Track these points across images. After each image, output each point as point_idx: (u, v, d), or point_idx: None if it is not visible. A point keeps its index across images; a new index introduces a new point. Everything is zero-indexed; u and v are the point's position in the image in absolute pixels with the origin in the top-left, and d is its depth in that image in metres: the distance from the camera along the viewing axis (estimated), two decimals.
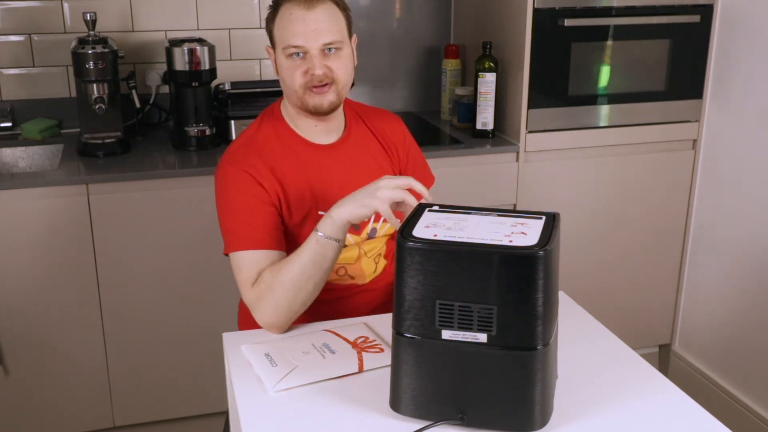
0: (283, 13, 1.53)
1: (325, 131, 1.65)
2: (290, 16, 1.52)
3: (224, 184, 1.57)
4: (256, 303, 1.48)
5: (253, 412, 1.24)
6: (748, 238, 2.50)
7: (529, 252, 1.09)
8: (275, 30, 1.56)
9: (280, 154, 1.61)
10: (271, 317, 1.47)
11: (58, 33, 2.55)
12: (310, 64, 1.53)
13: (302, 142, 1.63)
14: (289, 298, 1.45)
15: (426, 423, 1.18)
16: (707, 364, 2.74)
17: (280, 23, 1.54)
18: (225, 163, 1.60)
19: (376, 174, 1.68)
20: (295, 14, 1.51)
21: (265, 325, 1.49)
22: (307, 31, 1.51)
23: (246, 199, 1.54)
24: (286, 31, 1.53)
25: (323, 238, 1.42)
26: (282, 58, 1.56)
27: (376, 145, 1.71)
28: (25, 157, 2.50)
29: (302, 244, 1.46)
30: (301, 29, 1.51)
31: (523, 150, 2.49)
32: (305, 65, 1.54)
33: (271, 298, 1.45)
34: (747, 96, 2.48)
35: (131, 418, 2.38)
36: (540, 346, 1.12)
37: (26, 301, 2.20)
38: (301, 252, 1.45)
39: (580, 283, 2.57)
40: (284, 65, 1.56)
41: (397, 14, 2.88)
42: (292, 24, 1.52)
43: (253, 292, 1.48)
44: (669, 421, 1.22)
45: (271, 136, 1.63)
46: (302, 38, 1.52)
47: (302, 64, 1.54)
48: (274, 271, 1.47)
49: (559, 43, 2.44)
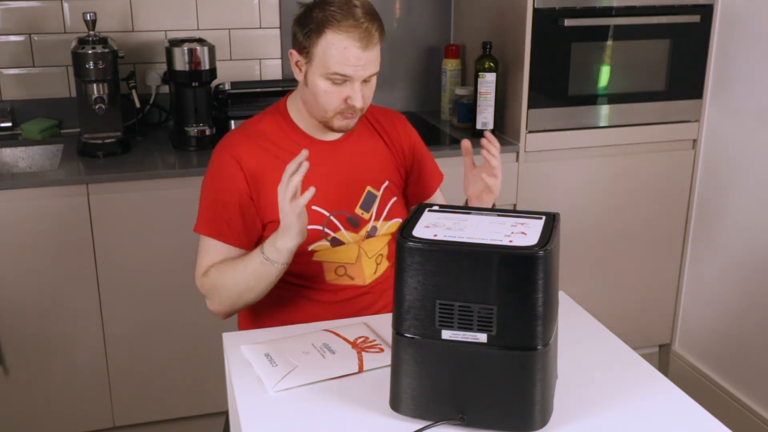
0: (335, 42, 1.49)
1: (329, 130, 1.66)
2: (344, 51, 1.50)
3: (214, 169, 1.62)
4: (205, 293, 1.61)
5: (253, 412, 1.24)
6: (748, 238, 2.50)
7: (529, 252, 1.09)
8: (318, 49, 1.51)
9: (280, 147, 1.62)
10: (217, 310, 1.62)
11: (58, 33, 2.55)
12: (350, 92, 1.53)
13: (305, 137, 1.64)
14: (231, 299, 1.57)
15: (426, 423, 1.18)
16: (707, 364, 2.74)
17: (329, 49, 1.50)
18: (221, 148, 1.63)
19: (377, 172, 1.68)
20: (350, 51, 1.50)
21: (214, 313, 1.63)
22: (357, 66, 1.51)
23: (229, 191, 1.58)
24: (335, 59, 1.50)
25: (267, 262, 1.50)
26: (319, 78, 1.53)
27: (379, 145, 1.72)
28: (25, 157, 2.50)
29: (248, 256, 1.53)
30: (353, 63, 1.51)
31: (523, 150, 2.49)
32: (345, 92, 1.53)
33: (216, 296, 1.58)
34: (747, 96, 2.48)
35: (131, 418, 2.38)
36: (540, 346, 1.12)
37: (26, 301, 2.20)
38: (246, 266, 1.53)
39: (580, 283, 2.57)
40: (321, 86, 1.54)
41: (397, 14, 2.88)
42: (344, 57, 1.50)
43: (202, 282, 1.60)
44: (669, 421, 1.22)
45: (274, 129, 1.64)
46: (352, 71, 1.51)
47: (342, 91, 1.53)
48: (221, 272, 1.56)
49: (559, 43, 2.44)
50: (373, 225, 1.66)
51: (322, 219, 1.61)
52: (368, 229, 1.66)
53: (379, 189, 1.68)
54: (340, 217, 1.63)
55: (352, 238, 1.64)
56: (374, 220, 1.67)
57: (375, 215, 1.67)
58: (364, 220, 1.65)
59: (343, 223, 1.63)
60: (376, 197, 1.67)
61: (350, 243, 1.64)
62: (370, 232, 1.66)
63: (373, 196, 1.67)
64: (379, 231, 1.68)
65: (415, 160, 1.77)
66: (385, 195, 1.68)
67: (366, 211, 1.66)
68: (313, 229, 1.60)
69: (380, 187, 1.68)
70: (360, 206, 1.65)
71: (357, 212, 1.65)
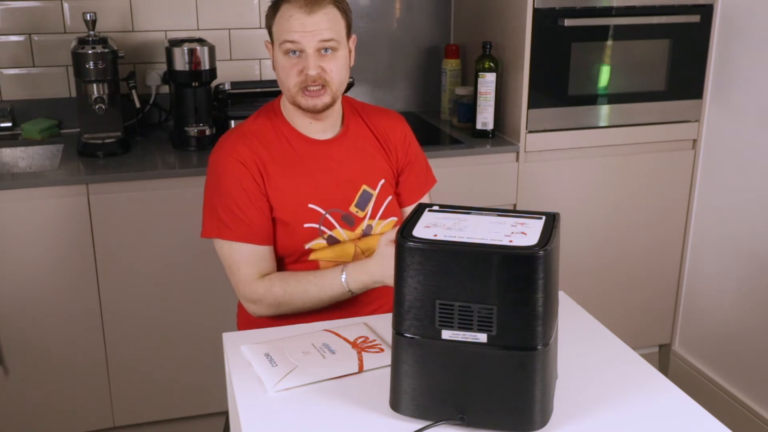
0: (284, 13, 1.55)
1: (321, 128, 1.67)
2: (290, 18, 1.54)
3: (217, 172, 1.61)
4: (256, 303, 1.59)
5: (253, 412, 1.24)
6: (748, 238, 2.50)
7: (529, 252, 1.09)
8: (274, 26, 1.58)
9: (275, 147, 1.63)
10: (265, 314, 1.62)
11: (58, 33, 2.55)
12: (304, 63, 1.56)
13: (298, 137, 1.65)
14: (291, 311, 1.60)
15: (426, 423, 1.18)
16: (707, 364, 2.74)
17: (279, 21, 1.56)
18: (219, 151, 1.63)
19: (373, 170, 1.69)
20: (294, 17, 1.53)
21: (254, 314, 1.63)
22: (304, 32, 1.54)
23: (239, 191, 1.58)
24: (284, 29, 1.55)
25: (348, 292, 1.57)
26: (279, 54, 1.58)
27: (373, 143, 1.72)
28: (25, 157, 2.50)
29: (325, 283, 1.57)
30: (299, 29, 1.54)
31: (523, 150, 2.49)
32: (300, 64, 1.56)
33: (274, 308, 1.59)
34: (747, 96, 2.48)
35: (131, 418, 2.38)
36: (540, 346, 1.12)
37: (26, 301, 2.20)
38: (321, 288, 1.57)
39: (580, 283, 2.57)
40: (280, 62, 1.58)
41: (397, 14, 2.88)
42: (290, 24, 1.54)
43: (257, 292, 1.58)
44: (669, 421, 1.22)
45: (268, 128, 1.65)
46: (299, 36, 1.54)
47: (297, 63, 1.56)
48: (285, 286, 1.58)
49: (559, 43, 2.44)
50: (368, 223, 1.67)
51: (317, 217, 1.62)
52: (363, 227, 1.66)
53: (375, 188, 1.68)
54: (335, 215, 1.63)
55: (347, 236, 1.65)
56: (369, 219, 1.67)
57: (370, 214, 1.67)
58: (359, 218, 1.66)
59: (339, 221, 1.64)
60: (372, 196, 1.67)
61: (346, 241, 1.65)
62: (366, 230, 1.67)
63: (369, 195, 1.67)
64: (374, 230, 1.68)
65: (408, 163, 1.77)
66: (381, 194, 1.69)
67: (361, 210, 1.66)
68: (309, 227, 1.61)
69: (376, 186, 1.68)
70: (355, 204, 1.66)
71: (351, 210, 1.65)
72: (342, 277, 1.56)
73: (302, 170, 1.63)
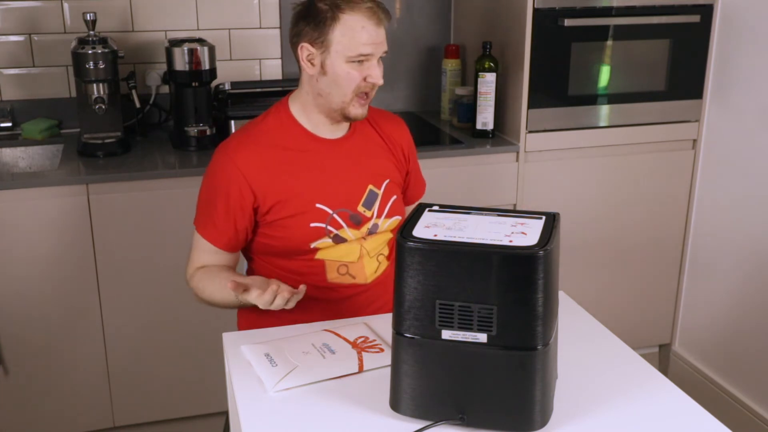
0: (352, 23, 1.55)
1: (332, 128, 1.67)
2: (362, 29, 1.55)
3: (213, 171, 1.64)
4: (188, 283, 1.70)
5: (253, 412, 1.24)
6: (748, 239, 2.50)
7: (529, 252, 1.10)
8: (335, 34, 1.55)
9: (283, 146, 1.63)
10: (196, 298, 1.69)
11: (58, 33, 2.55)
12: (368, 71, 1.59)
13: (307, 135, 1.65)
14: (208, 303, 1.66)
15: (426, 423, 1.18)
16: (707, 364, 2.74)
17: (346, 31, 1.55)
18: (223, 151, 1.64)
19: (378, 170, 1.70)
20: (367, 29, 1.55)
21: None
22: (376, 44, 1.57)
23: (221, 195, 1.61)
24: (355, 41, 1.55)
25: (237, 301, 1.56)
26: (340, 62, 1.57)
27: (380, 145, 1.73)
28: (25, 157, 2.51)
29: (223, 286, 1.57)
30: (372, 41, 1.57)
31: (523, 150, 2.49)
32: (365, 71, 1.59)
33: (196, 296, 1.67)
34: (747, 96, 2.48)
35: (131, 418, 2.38)
36: (540, 346, 1.12)
37: (26, 301, 2.20)
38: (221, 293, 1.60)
39: (580, 283, 2.57)
40: (344, 69, 1.58)
41: (397, 14, 2.88)
42: (361, 35, 1.55)
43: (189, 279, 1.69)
44: (669, 421, 1.23)
45: (277, 127, 1.65)
46: (371, 48, 1.57)
47: (362, 71, 1.59)
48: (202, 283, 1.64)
49: (559, 43, 2.44)
50: (374, 222, 1.67)
51: (325, 216, 1.62)
52: (369, 226, 1.67)
53: (380, 187, 1.69)
54: (342, 215, 1.64)
55: (354, 235, 1.65)
56: (376, 218, 1.68)
57: (377, 213, 1.68)
58: (366, 217, 1.66)
59: (346, 221, 1.64)
60: (378, 195, 1.68)
61: (352, 240, 1.65)
62: (372, 229, 1.67)
63: (375, 195, 1.68)
64: (380, 228, 1.69)
65: (410, 168, 1.80)
66: (386, 193, 1.70)
67: (368, 209, 1.67)
68: (316, 226, 1.61)
69: (381, 186, 1.69)
70: (362, 204, 1.66)
71: (359, 210, 1.66)
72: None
73: (310, 169, 1.63)
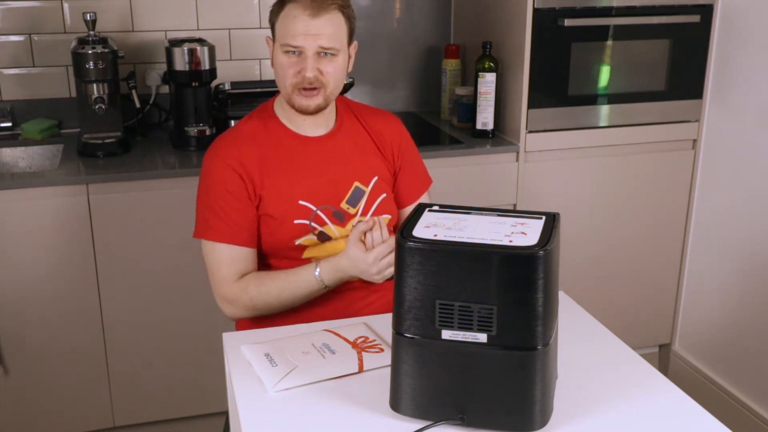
0: (289, 12, 1.56)
1: (313, 124, 1.68)
2: (294, 19, 1.54)
3: (206, 174, 1.64)
4: (232, 303, 1.61)
5: (253, 412, 1.24)
6: (748, 238, 2.50)
7: (529, 252, 1.09)
8: (278, 23, 1.59)
9: (266, 146, 1.65)
10: (242, 316, 1.64)
11: (58, 33, 2.55)
12: (303, 64, 1.57)
13: (290, 135, 1.67)
14: (267, 311, 1.62)
15: (426, 423, 1.18)
16: (707, 364, 2.74)
17: (284, 20, 1.57)
18: (209, 153, 1.65)
19: (366, 167, 1.69)
20: (299, 18, 1.54)
21: (231, 317, 1.66)
22: (307, 35, 1.55)
23: (223, 193, 1.61)
24: (287, 30, 1.56)
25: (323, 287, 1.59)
26: (279, 52, 1.59)
27: (368, 142, 1.73)
28: (25, 157, 2.50)
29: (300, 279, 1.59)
30: (302, 32, 1.54)
31: (523, 150, 2.49)
32: (299, 65, 1.57)
33: (250, 309, 1.61)
34: (747, 96, 2.48)
35: (131, 418, 2.38)
36: (540, 346, 1.12)
37: (26, 301, 2.20)
38: (297, 286, 1.59)
39: (580, 283, 2.57)
40: (279, 60, 1.59)
41: (397, 14, 2.88)
42: (294, 25, 1.55)
43: (232, 292, 1.61)
44: (669, 421, 1.22)
45: (260, 128, 1.67)
46: (301, 40, 1.55)
47: (296, 63, 1.57)
48: (260, 286, 1.59)
49: (559, 43, 2.44)
50: (359, 220, 1.67)
51: (308, 213, 1.63)
52: (354, 223, 1.66)
53: (368, 185, 1.69)
54: (326, 211, 1.64)
55: (339, 232, 1.66)
56: (361, 215, 1.67)
57: (362, 210, 1.67)
58: (349, 214, 1.66)
59: (330, 218, 1.65)
60: (364, 193, 1.68)
61: (338, 238, 1.65)
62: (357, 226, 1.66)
63: (361, 192, 1.68)
64: None
65: (403, 164, 1.78)
66: (374, 191, 1.69)
67: (352, 207, 1.67)
68: (300, 223, 1.62)
69: (369, 183, 1.69)
70: (346, 201, 1.67)
71: (342, 207, 1.66)
72: (316, 272, 1.59)
73: (293, 168, 1.64)
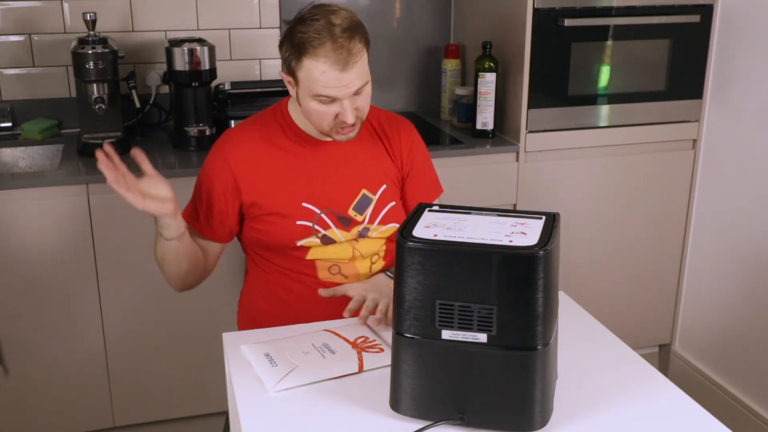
0: (313, 68, 1.47)
1: None
2: (324, 75, 1.47)
3: (207, 161, 1.68)
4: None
5: (253, 412, 1.24)
6: (748, 238, 2.50)
7: (529, 252, 1.09)
8: (301, 72, 1.50)
9: (275, 144, 1.65)
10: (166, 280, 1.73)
11: (58, 33, 2.55)
12: (340, 109, 1.52)
13: (303, 136, 1.66)
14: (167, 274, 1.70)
15: (426, 423, 1.18)
16: (707, 364, 2.74)
17: (309, 72, 1.49)
18: (219, 143, 1.67)
19: (375, 175, 1.68)
20: (329, 74, 1.47)
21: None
22: (340, 87, 1.49)
23: (207, 185, 1.64)
24: (317, 82, 1.48)
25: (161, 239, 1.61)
26: (307, 98, 1.53)
27: (379, 149, 1.71)
28: (25, 157, 2.50)
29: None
30: (334, 85, 1.48)
31: (523, 150, 2.49)
32: (335, 110, 1.52)
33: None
34: (747, 96, 2.48)
35: (131, 418, 2.38)
36: (540, 346, 1.12)
37: (26, 301, 2.20)
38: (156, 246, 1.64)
39: (580, 283, 2.57)
40: (312, 106, 1.53)
41: (397, 14, 2.88)
42: (325, 79, 1.48)
43: None
44: (669, 421, 1.22)
45: (273, 126, 1.67)
46: (334, 92, 1.49)
47: (332, 109, 1.52)
48: None
49: (559, 43, 2.44)
50: (365, 226, 1.66)
51: (312, 216, 1.62)
52: (360, 229, 1.66)
53: (376, 193, 1.68)
54: (330, 215, 1.64)
55: (343, 236, 1.65)
56: (368, 223, 1.67)
57: (369, 218, 1.66)
58: (356, 221, 1.65)
59: (334, 222, 1.64)
60: (372, 201, 1.67)
61: (342, 242, 1.65)
62: (362, 232, 1.66)
63: (369, 200, 1.67)
64: (371, 233, 1.67)
65: (412, 171, 1.75)
66: (381, 199, 1.68)
67: (359, 214, 1.66)
68: (302, 224, 1.61)
69: (377, 191, 1.68)
70: (353, 208, 1.66)
71: (350, 213, 1.65)
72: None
73: (301, 169, 1.64)
